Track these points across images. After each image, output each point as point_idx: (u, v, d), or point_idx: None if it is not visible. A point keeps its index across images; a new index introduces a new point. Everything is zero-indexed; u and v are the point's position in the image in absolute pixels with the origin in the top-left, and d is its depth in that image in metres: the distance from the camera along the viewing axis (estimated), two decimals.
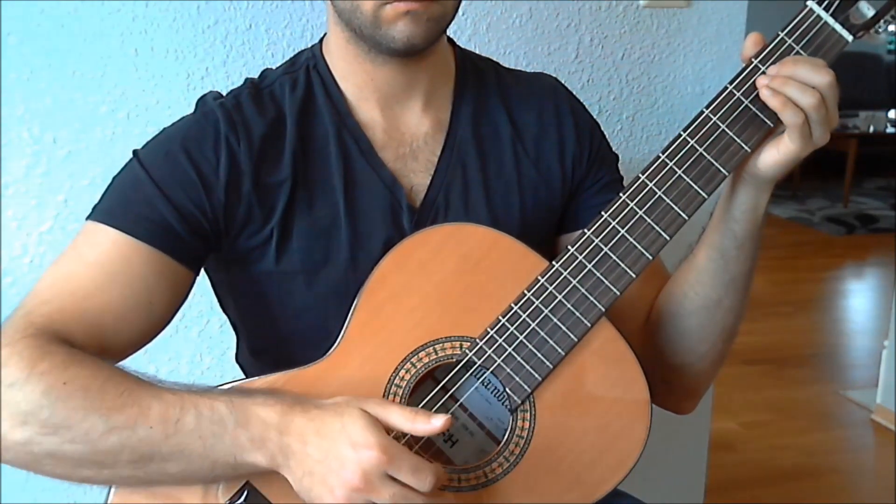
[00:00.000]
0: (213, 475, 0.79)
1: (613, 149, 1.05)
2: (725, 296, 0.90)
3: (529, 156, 0.98)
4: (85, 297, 0.82)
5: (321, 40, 0.97)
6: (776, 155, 0.82)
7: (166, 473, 0.78)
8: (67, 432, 0.75)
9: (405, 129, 0.94)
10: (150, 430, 0.75)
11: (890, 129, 6.09)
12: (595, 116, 1.04)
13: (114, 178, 0.89)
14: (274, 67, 0.97)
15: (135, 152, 0.89)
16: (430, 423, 0.74)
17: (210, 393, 0.79)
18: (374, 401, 0.77)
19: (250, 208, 0.88)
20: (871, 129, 5.97)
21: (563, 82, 1.04)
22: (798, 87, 0.78)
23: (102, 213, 0.86)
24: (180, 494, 0.81)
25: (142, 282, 0.84)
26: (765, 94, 0.80)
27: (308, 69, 0.94)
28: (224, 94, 0.93)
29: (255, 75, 0.96)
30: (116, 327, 0.83)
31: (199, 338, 1.35)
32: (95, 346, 0.81)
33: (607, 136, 1.04)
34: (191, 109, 0.93)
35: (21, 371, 0.75)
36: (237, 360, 1.07)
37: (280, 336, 0.95)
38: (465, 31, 1.37)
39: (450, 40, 0.99)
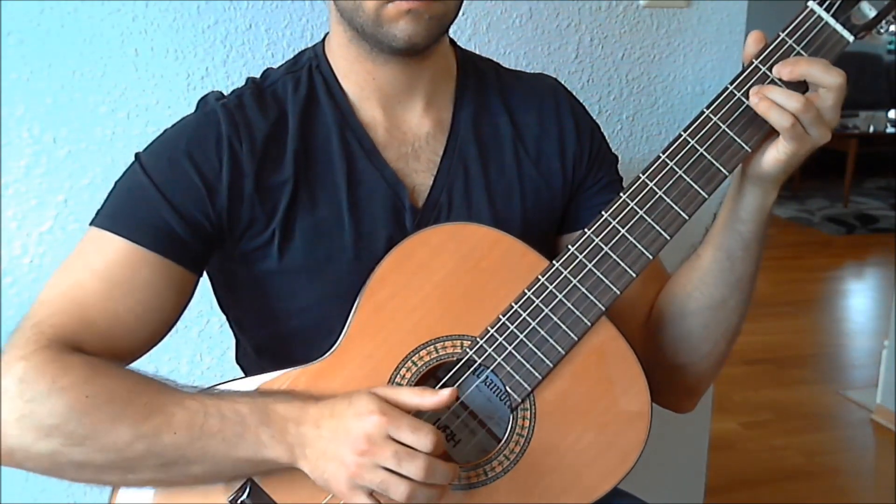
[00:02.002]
0: (235, 474, 0.80)
1: (613, 149, 1.05)
2: (731, 296, 0.90)
3: (530, 156, 0.98)
4: (93, 306, 0.82)
5: (323, 40, 0.96)
6: (777, 154, 0.82)
7: (190, 475, 0.79)
8: (94, 443, 0.76)
9: (407, 128, 0.94)
10: (175, 437, 0.77)
11: (890, 129, 6.09)
12: (595, 116, 1.05)
13: (116, 183, 0.89)
14: (275, 67, 0.97)
15: (137, 156, 0.89)
16: (437, 396, 0.78)
17: (230, 395, 0.81)
18: (384, 387, 0.81)
19: (253, 209, 0.88)
20: (871, 129, 5.98)
21: (563, 82, 1.04)
22: (781, 94, 0.79)
23: (107, 219, 0.86)
24: (183, 492, 0.81)
25: (148, 289, 0.84)
26: (752, 102, 0.81)
27: (310, 69, 0.94)
28: (226, 93, 0.93)
29: (256, 75, 0.96)
30: (125, 334, 0.84)
31: (199, 338, 1.35)
32: (106, 353, 0.82)
33: (607, 136, 1.05)
34: (191, 110, 0.92)
35: (42, 386, 0.76)
36: (237, 362, 1.07)
37: (282, 335, 0.95)
38: (465, 31, 1.38)
39: (451, 41, 0.99)
